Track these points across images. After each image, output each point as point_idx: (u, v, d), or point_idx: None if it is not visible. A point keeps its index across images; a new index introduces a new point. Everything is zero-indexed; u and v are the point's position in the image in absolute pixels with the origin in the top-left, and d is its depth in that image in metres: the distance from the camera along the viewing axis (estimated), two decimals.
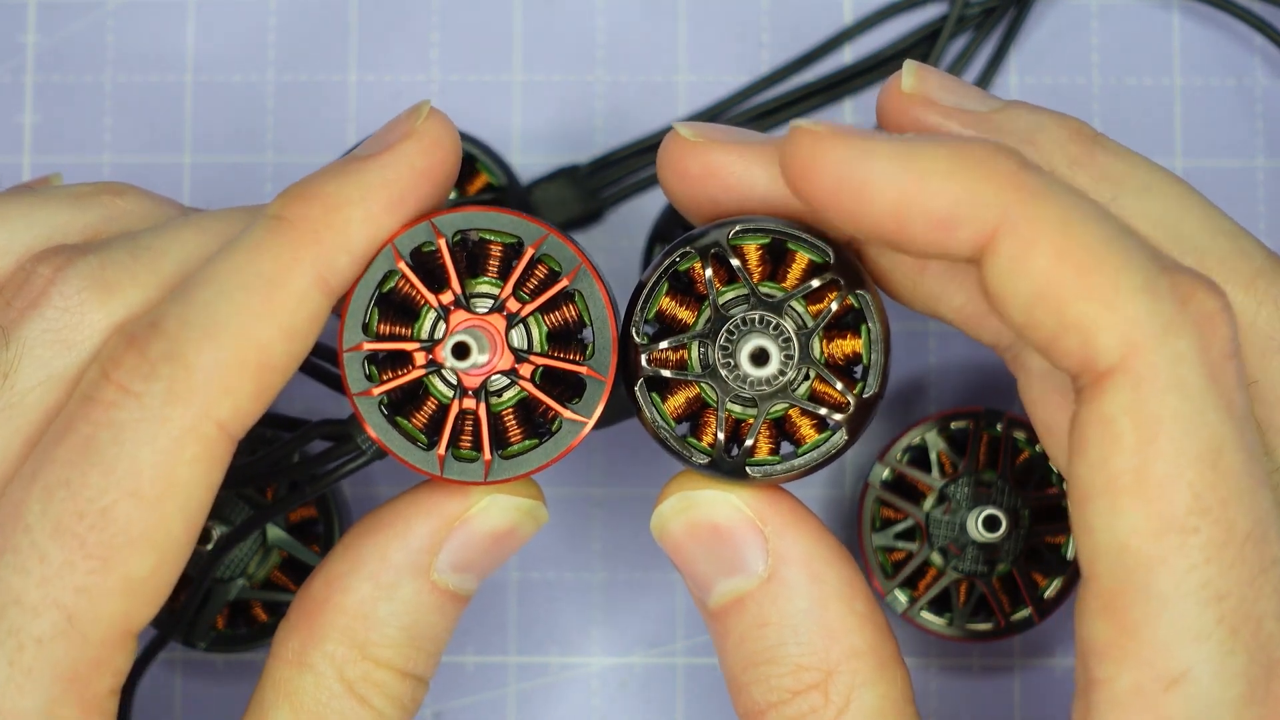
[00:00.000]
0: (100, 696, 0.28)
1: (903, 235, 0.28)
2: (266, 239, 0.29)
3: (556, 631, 0.45)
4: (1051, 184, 0.27)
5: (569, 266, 0.30)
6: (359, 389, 0.30)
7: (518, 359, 0.30)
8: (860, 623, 0.30)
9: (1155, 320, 0.26)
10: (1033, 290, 0.27)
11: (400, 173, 0.30)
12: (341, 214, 0.29)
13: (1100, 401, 0.26)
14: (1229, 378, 0.27)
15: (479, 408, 0.30)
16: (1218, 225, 0.32)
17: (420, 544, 0.31)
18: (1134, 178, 0.32)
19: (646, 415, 0.30)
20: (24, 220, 0.32)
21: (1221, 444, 0.26)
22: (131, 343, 0.28)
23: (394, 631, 0.31)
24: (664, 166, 0.32)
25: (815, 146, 0.28)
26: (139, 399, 0.28)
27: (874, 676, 0.30)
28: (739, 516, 0.30)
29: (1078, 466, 0.27)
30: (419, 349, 0.30)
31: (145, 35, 0.46)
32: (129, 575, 0.28)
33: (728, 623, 0.31)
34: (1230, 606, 0.26)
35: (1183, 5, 0.46)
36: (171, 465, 0.28)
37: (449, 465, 0.30)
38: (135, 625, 0.28)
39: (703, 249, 0.30)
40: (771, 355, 0.29)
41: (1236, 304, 0.31)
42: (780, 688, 0.30)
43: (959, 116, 0.32)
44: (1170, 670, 0.26)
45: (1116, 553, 0.26)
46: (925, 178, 0.27)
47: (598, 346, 0.30)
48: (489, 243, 0.31)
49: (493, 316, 0.30)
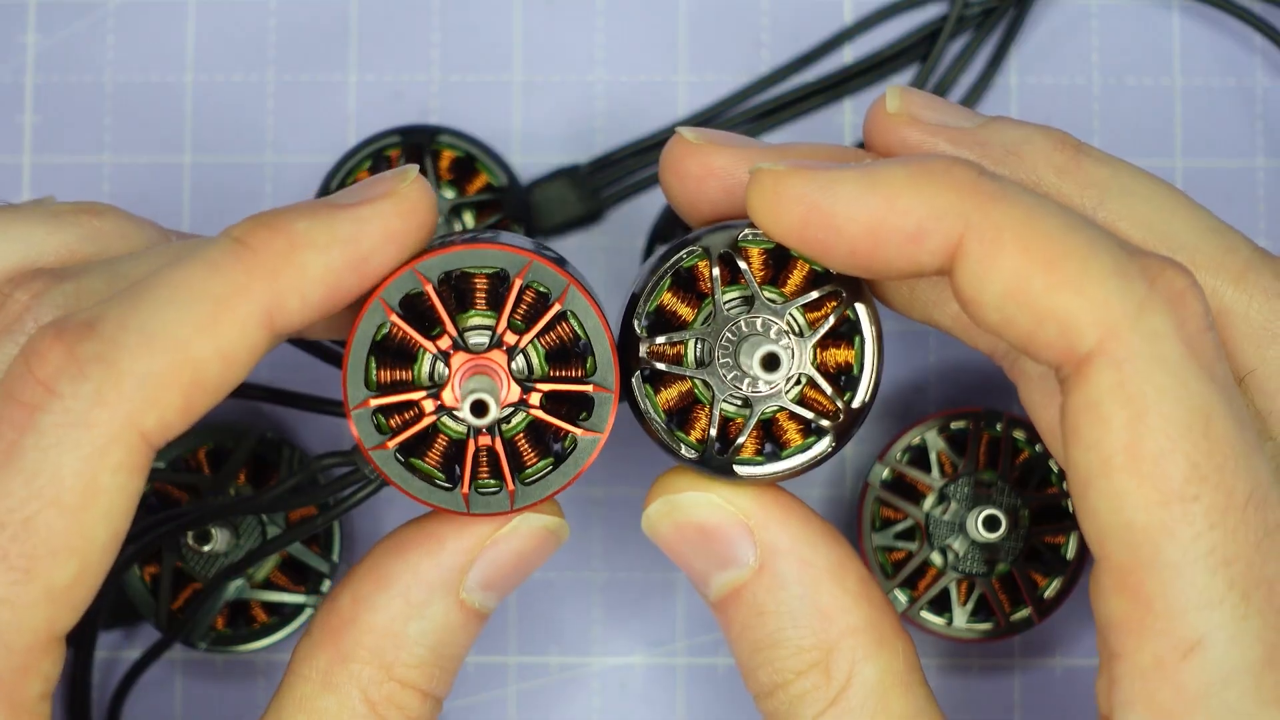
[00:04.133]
0: (30, 701, 0.28)
1: (877, 256, 0.28)
2: (222, 260, 0.28)
3: (556, 631, 0.45)
4: (1009, 187, 0.28)
5: (557, 289, 0.30)
6: (373, 443, 0.30)
7: (524, 389, 0.30)
8: (854, 601, 0.31)
9: (1128, 301, 0.26)
10: (1004, 289, 0.27)
11: (372, 229, 0.29)
12: (304, 255, 0.29)
13: (1085, 387, 0.27)
14: (1208, 349, 0.27)
15: (495, 442, 0.30)
16: (1204, 223, 0.32)
17: (453, 561, 0.31)
18: (1119, 182, 0.32)
19: (640, 406, 0.31)
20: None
21: (1210, 412, 0.26)
22: (60, 338, 0.27)
23: (422, 651, 0.31)
24: (666, 169, 0.32)
25: (779, 184, 0.29)
26: (64, 401, 0.27)
27: (873, 651, 0.30)
28: (723, 514, 0.31)
29: (1073, 453, 0.27)
30: (426, 396, 0.30)
31: (145, 35, 0.46)
32: (51, 585, 0.27)
33: (729, 613, 0.31)
34: (1239, 571, 0.26)
35: (1183, 5, 0.46)
36: (94, 473, 0.27)
37: (474, 501, 0.30)
38: (60, 631, 0.28)
39: (710, 248, 0.30)
40: (783, 362, 0.30)
41: (1227, 298, 0.31)
42: (784, 669, 0.30)
43: (945, 133, 0.32)
44: (1186, 638, 0.26)
45: (1123, 530, 0.26)
46: (893, 196, 0.28)
47: (598, 360, 0.30)
48: (474, 276, 0.31)
49: (493, 353, 0.30)
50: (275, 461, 0.43)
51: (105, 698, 0.44)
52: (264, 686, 0.44)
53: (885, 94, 0.33)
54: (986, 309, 0.27)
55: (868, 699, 0.30)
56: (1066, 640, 0.44)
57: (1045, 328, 0.27)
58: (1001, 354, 0.33)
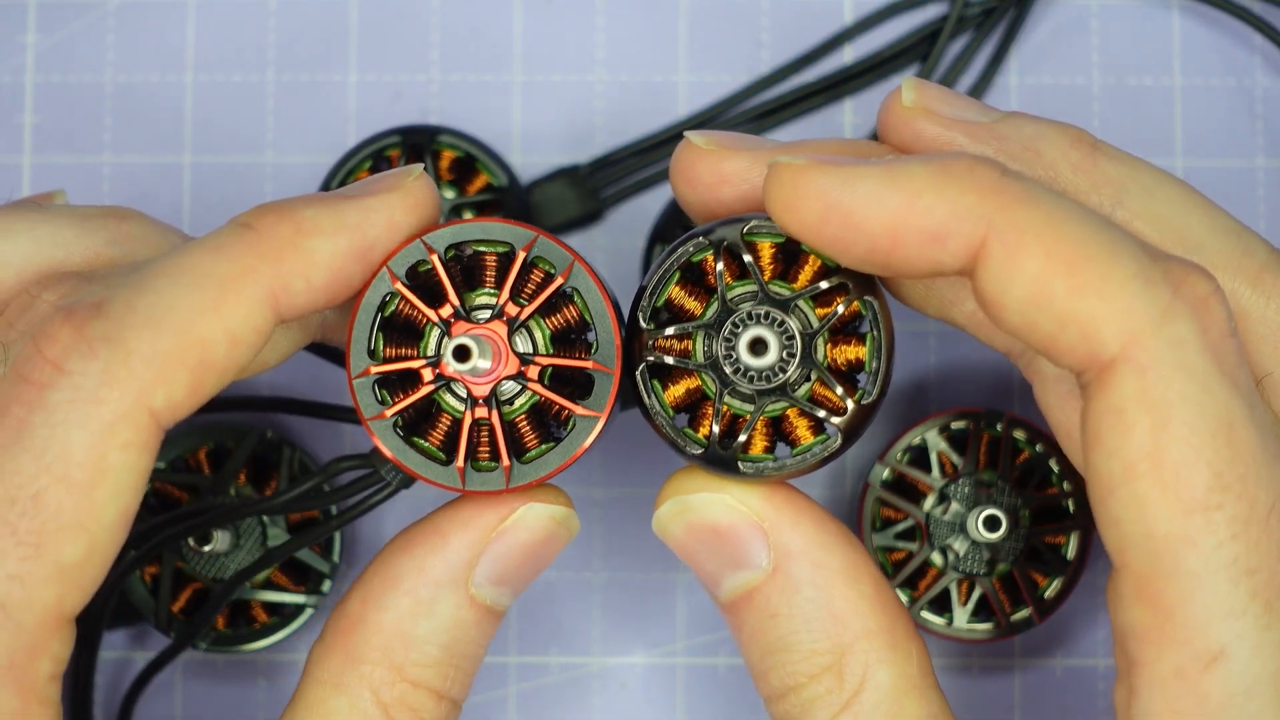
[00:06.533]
0: (39, 682, 0.28)
1: (896, 255, 0.28)
2: (229, 242, 0.29)
3: (556, 631, 0.45)
4: (1034, 188, 0.27)
5: (563, 265, 0.30)
6: (372, 413, 0.30)
7: (523, 362, 0.30)
8: (869, 605, 0.30)
9: (1152, 307, 0.26)
10: (1027, 292, 0.27)
11: (377, 219, 0.30)
12: (310, 240, 0.29)
13: (1108, 393, 0.26)
14: (1230, 356, 0.27)
15: (492, 415, 0.30)
16: (1221, 223, 0.32)
17: (459, 556, 0.31)
18: (1136, 181, 0.32)
19: (646, 401, 0.30)
20: (28, 235, 0.32)
21: (1233, 421, 0.26)
22: (69, 318, 0.28)
23: (433, 650, 0.31)
24: (676, 174, 0.32)
25: (798, 179, 0.28)
26: (73, 379, 0.27)
27: (887, 655, 0.30)
28: (736, 515, 0.31)
29: (1094, 460, 0.27)
30: (425, 365, 0.30)
31: (145, 35, 0.46)
32: (61, 562, 0.28)
33: (740, 615, 0.31)
34: (1262, 580, 0.26)
35: (1183, 5, 0.46)
36: (103, 450, 0.27)
37: (470, 477, 0.30)
38: (69, 610, 0.28)
39: (716, 242, 0.30)
40: (770, 346, 0.29)
41: (1245, 300, 0.31)
42: (797, 672, 0.30)
43: (961, 128, 0.32)
44: (1208, 649, 0.26)
45: (1144, 539, 0.26)
46: (915, 196, 0.27)
47: (601, 341, 0.30)
48: (483, 254, 0.31)
49: (494, 324, 0.30)
50: (275, 461, 0.43)
51: (111, 699, 0.44)
52: (264, 686, 0.44)
53: (901, 86, 0.33)
54: (1008, 312, 0.27)
55: (881, 703, 0.30)
56: (1066, 640, 0.44)
57: (1068, 332, 0.27)
58: (1018, 354, 0.33)
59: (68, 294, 0.30)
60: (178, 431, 0.42)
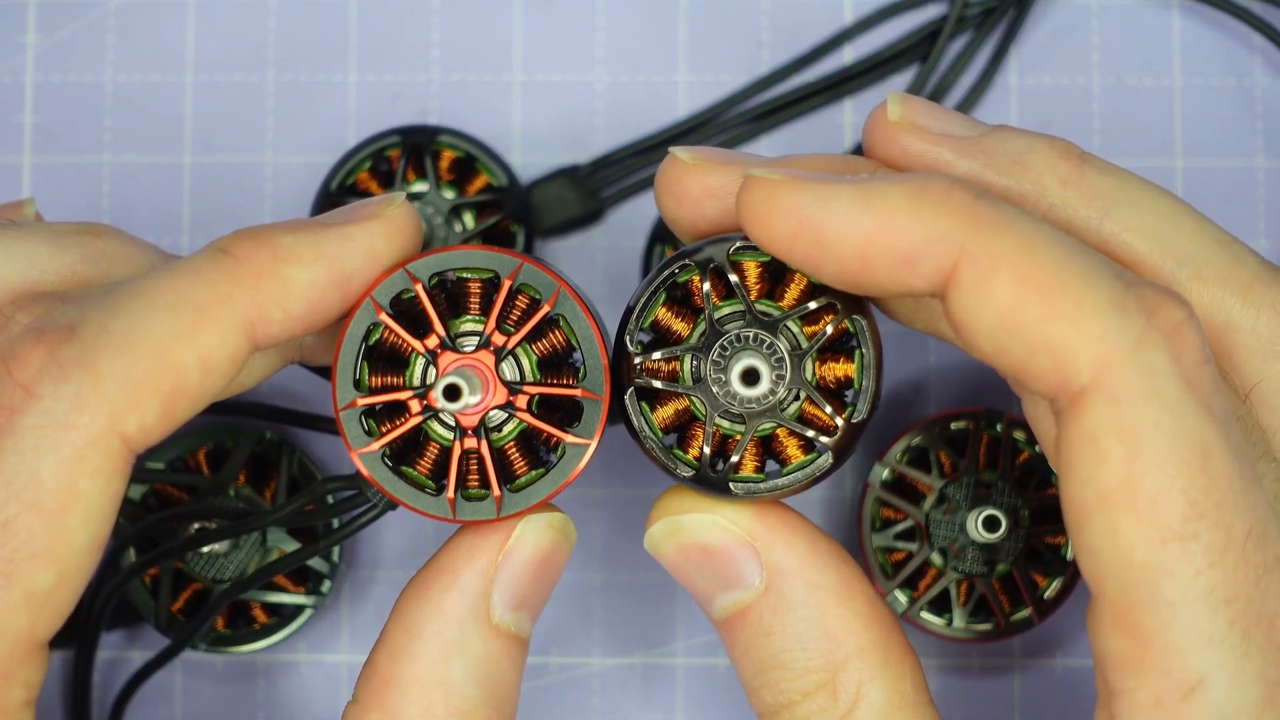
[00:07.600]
0: (12, 708, 0.28)
1: (866, 276, 0.28)
2: (206, 267, 0.28)
3: (556, 631, 0.45)
4: (1009, 212, 0.27)
5: (548, 292, 0.30)
6: (359, 445, 0.30)
7: (511, 391, 0.30)
8: (862, 622, 0.30)
9: (1125, 335, 0.26)
10: (998, 318, 0.27)
11: (356, 247, 0.30)
12: (288, 268, 0.29)
13: (1081, 421, 0.26)
14: (1205, 383, 0.27)
15: (480, 445, 0.30)
16: (1210, 235, 0.32)
17: (473, 587, 0.30)
18: (1124, 193, 0.32)
19: (634, 424, 0.30)
20: (1, 254, 0.31)
21: (1208, 448, 0.26)
22: (41, 340, 0.27)
23: (471, 692, 0.30)
24: (662, 190, 0.32)
25: (771, 195, 0.28)
26: (43, 403, 0.27)
27: (880, 672, 0.30)
28: (727, 535, 0.30)
29: (1069, 488, 0.27)
30: (413, 396, 0.30)
31: (145, 35, 0.46)
32: (32, 590, 0.27)
33: (733, 633, 0.31)
34: (1240, 609, 0.26)
35: (1183, 5, 0.46)
36: (74, 476, 0.27)
37: (460, 507, 0.30)
38: (41, 637, 0.28)
39: (702, 262, 0.30)
40: (763, 375, 0.29)
41: (1234, 311, 0.31)
42: (790, 690, 0.30)
43: (948, 143, 0.32)
44: (1187, 678, 0.26)
45: (1121, 568, 0.26)
46: (887, 218, 0.27)
47: (588, 366, 0.30)
48: (467, 281, 0.31)
49: (480, 353, 0.30)
50: (275, 462, 0.43)
51: (106, 699, 0.44)
52: (264, 687, 0.44)
53: (886, 101, 0.32)
54: (979, 337, 0.27)
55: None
56: (1066, 640, 0.44)
57: (1039, 359, 0.26)
58: None
59: (41, 315, 0.29)
60: (178, 432, 0.42)
